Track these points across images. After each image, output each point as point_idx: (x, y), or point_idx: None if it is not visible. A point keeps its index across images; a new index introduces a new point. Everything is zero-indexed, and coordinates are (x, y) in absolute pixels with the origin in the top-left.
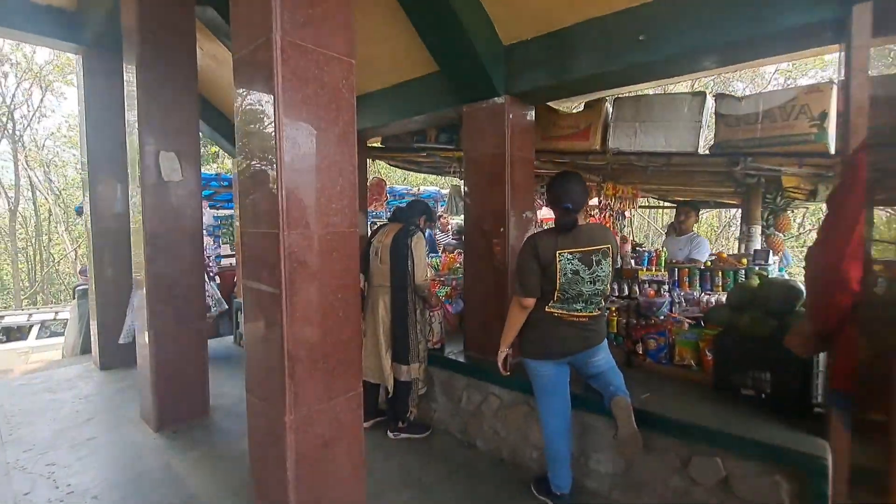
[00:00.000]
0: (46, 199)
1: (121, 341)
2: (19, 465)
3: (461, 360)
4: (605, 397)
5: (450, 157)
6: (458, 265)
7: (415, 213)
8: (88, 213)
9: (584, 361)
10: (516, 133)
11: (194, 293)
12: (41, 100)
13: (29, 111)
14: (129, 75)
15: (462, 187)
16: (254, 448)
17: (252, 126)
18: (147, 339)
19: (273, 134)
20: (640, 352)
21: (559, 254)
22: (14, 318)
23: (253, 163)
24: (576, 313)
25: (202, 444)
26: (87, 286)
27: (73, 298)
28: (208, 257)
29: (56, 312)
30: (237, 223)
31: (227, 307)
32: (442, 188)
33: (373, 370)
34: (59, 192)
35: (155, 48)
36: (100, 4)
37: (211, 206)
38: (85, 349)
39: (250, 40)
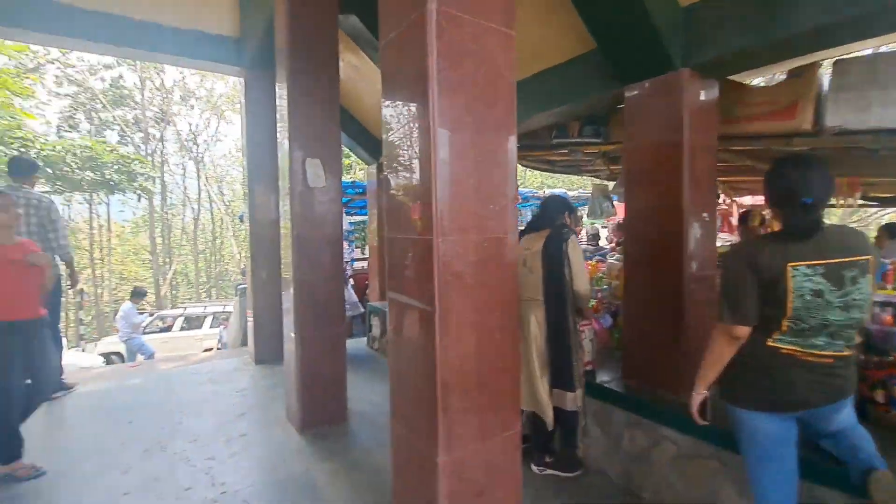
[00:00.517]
0: (220, 209)
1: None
2: (185, 455)
3: (619, 390)
4: (851, 467)
5: (594, 153)
6: (600, 274)
7: (557, 211)
8: (248, 220)
9: (823, 417)
10: (696, 115)
11: (334, 298)
12: (217, 126)
13: (208, 136)
14: (281, 89)
15: (608, 187)
16: (399, 486)
17: (402, 113)
18: (293, 342)
19: (427, 121)
20: (882, 401)
21: (792, 267)
22: (193, 310)
23: (403, 155)
24: (816, 351)
25: (340, 452)
26: (246, 285)
27: (236, 296)
28: (344, 262)
29: (224, 305)
30: (371, 227)
31: (361, 310)
32: (569, 189)
33: (524, 396)
34: (229, 203)
35: (302, 62)
36: (257, 28)
37: (346, 213)
38: (244, 342)
39: (401, 19)
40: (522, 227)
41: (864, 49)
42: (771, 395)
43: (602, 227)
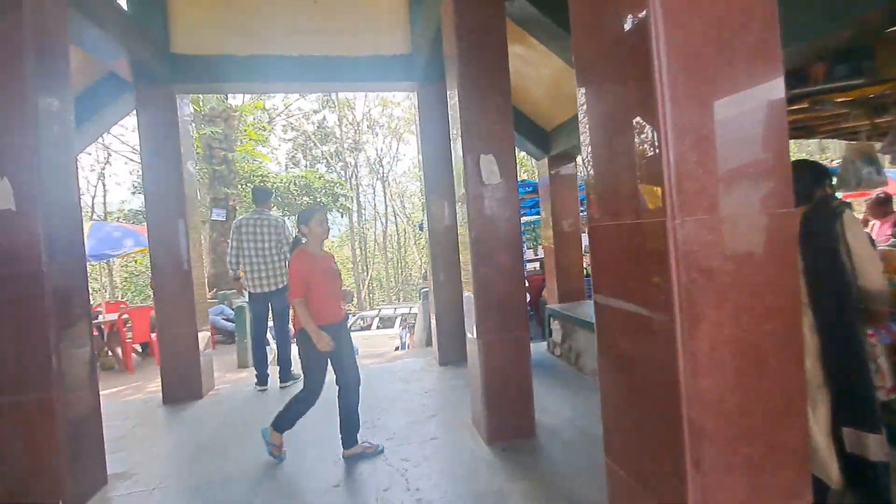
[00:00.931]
0: (402, 220)
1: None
2: (383, 455)
3: None
4: None
5: (848, 102)
6: None
7: (814, 180)
8: (426, 227)
9: None
10: None
11: (514, 300)
12: (397, 148)
13: (390, 158)
14: (452, 94)
15: (873, 147)
16: None
17: (607, 55)
18: (476, 345)
19: (647, 56)
20: None
21: None
22: (386, 311)
23: (609, 109)
24: None
25: (533, 472)
26: (427, 289)
27: (419, 299)
28: None
29: (410, 307)
30: (543, 226)
31: (532, 312)
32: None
33: None
34: (409, 215)
35: (471, 62)
36: (427, 40)
37: None
38: (428, 342)
39: None
40: None
41: None
42: None
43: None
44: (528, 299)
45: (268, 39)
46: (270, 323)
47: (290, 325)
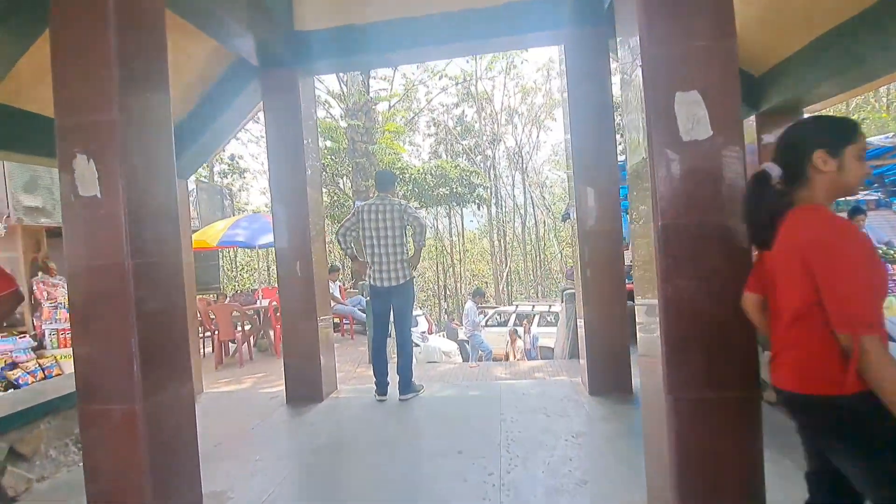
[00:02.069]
0: (542, 212)
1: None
2: None
3: None
4: None
5: None
6: None
7: None
8: (574, 214)
9: None
10: None
11: (738, 335)
12: (537, 136)
13: (530, 147)
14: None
15: None
16: None
17: None
18: (663, 405)
19: None
20: None
21: None
22: (524, 308)
23: None
24: None
25: None
26: (572, 290)
27: (562, 301)
28: None
29: (550, 305)
30: None
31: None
32: None
33: None
34: (549, 206)
35: None
36: None
37: None
38: (573, 353)
39: None
40: None
41: None
42: None
43: None
44: None
45: (390, 1)
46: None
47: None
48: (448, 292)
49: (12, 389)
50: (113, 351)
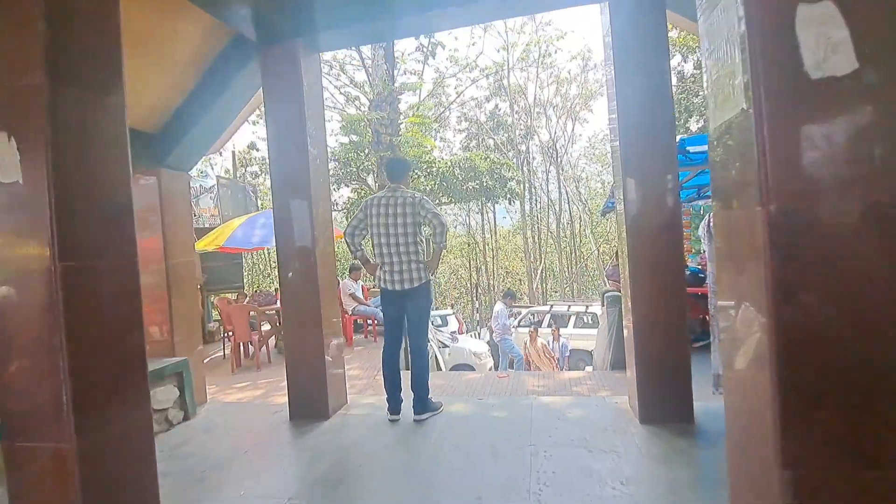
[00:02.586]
0: (577, 207)
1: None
2: None
3: None
4: None
5: None
6: None
7: None
8: (621, 210)
9: None
10: None
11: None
12: (572, 129)
13: (564, 140)
14: None
15: None
16: None
17: None
18: (775, 482)
19: None
20: None
21: None
22: (559, 308)
23: None
24: None
25: None
26: (616, 293)
27: (603, 305)
28: None
29: (587, 306)
30: None
31: None
32: None
33: None
34: (585, 200)
35: None
36: None
37: None
38: (616, 364)
39: None
40: None
41: None
42: None
43: None
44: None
45: None
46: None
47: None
48: (480, 290)
49: None
50: (37, 378)
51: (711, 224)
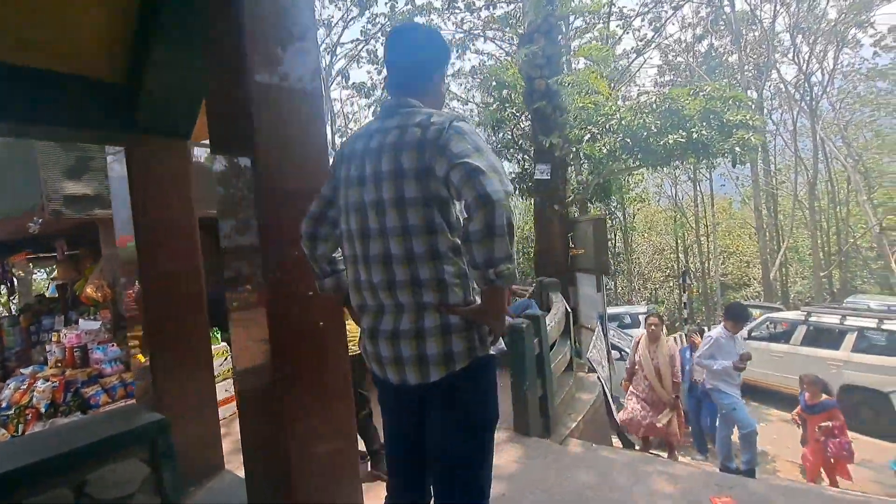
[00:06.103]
0: (844, 166)
1: None
2: None
3: None
4: None
5: None
6: None
7: None
8: None
9: None
10: None
11: None
12: (836, 58)
13: (822, 76)
14: None
15: None
16: None
17: None
18: None
19: None
20: None
21: None
22: (824, 319)
23: None
24: None
25: None
26: None
27: None
28: None
29: (881, 320)
30: None
31: None
32: None
33: None
34: (859, 155)
35: None
36: None
37: None
38: None
39: None
40: None
41: None
42: None
43: None
44: None
45: None
46: None
47: None
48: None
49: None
50: None
51: None
